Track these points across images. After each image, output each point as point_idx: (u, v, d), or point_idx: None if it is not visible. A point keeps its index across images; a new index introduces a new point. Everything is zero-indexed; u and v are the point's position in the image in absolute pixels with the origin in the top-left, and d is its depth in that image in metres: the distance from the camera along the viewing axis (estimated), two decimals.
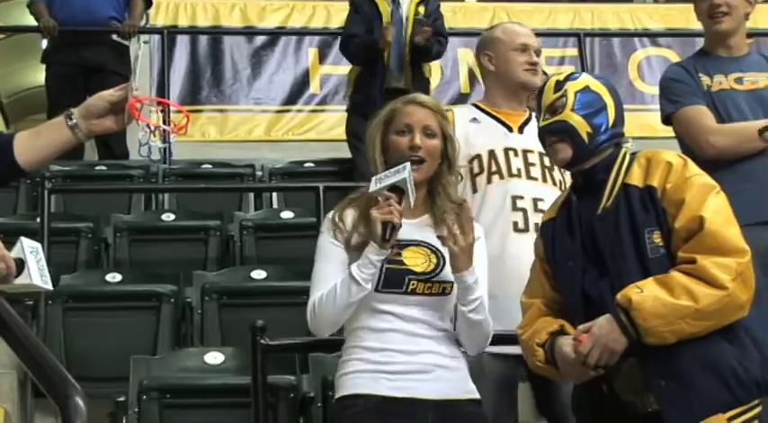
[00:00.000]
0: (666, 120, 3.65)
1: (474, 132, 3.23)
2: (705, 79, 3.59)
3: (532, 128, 3.29)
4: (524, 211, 3.18)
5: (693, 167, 2.48)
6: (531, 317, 2.61)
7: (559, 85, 2.60)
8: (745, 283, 2.31)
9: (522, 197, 3.19)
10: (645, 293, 2.32)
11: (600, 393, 2.47)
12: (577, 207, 2.55)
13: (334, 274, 2.67)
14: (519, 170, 3.23)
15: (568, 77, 2.62)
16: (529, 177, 3.23)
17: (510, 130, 3.33)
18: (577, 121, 2.54)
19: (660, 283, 2.33)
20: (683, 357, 2.33)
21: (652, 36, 8.47)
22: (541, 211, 3.03)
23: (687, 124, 3.54)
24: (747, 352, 2.34)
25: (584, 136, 2.53)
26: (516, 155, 3.26)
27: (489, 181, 3.22)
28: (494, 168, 3.23)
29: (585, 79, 2.61)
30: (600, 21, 8.55)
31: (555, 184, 3.23)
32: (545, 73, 6.41)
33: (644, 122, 8.02)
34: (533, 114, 3.39)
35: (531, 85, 3.33)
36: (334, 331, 2.74)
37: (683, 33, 7.92)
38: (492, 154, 3.25)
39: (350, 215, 2.76)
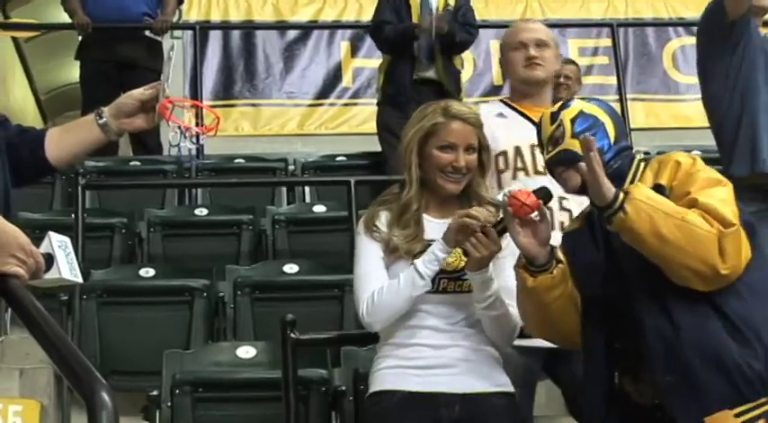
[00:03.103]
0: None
1: (500, 128, 3.21)
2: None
3: None
4: (550, 209, 3.16)
5: (701, 164, 2.48)
6: None
7: (554, 115, 2.62)
8: (722, 252, 2.29)
9: None
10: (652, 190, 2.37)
11: (611, 379, 2.46)
12: (598, 218, 2.54)
13: (378, 271, 2.72)
14: (544, 168, 3.21)
15: (562, 107, 2.63)
16: None
17: (535, 124, 3.31)
18: (579, 146, 2.52)
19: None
20: (687, 349, 2.32)
21: (687, 25, 8.37)
22: (566, 209, 3.03)
23: None
24: (752, 349, 2.32)
25: None
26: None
27: (515, 177, 3.21)
28: (519, 165, 3.22)
29: (578, 105, 2.62)
30: (634, 10, 8.47)
31: None
32: (574, 63, 6.38)
33: (679, 113, 7.95)
34: None
35: (531, 79, 3.31)
36: (387, 325, 2.74)
37: None
38: (518, 150, 3.24)
39: (383, 217, 2.80)
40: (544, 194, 2.55)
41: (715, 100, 3.71)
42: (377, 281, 2.70)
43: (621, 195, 2.33)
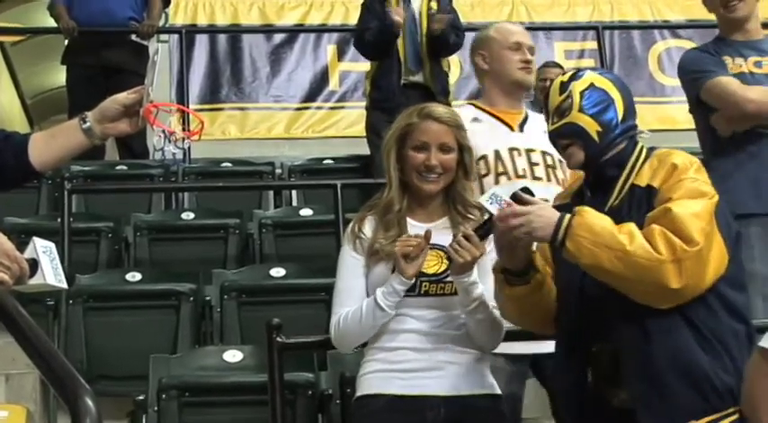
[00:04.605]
0: (696, 98, 3.59)
1: (477, 133, 3.21)
2: (727, 60, 3.57)
3: (531, 125, 3.31)
4: None
5: (695, 172, 2.42)
6: None
7: (564, 86, 2.56)
8: (681, 272, 2.26)
9: None
10: (597, 213, 2.35)
11: (583, 388, 2.44)
12: (589, 201, 2.52)
13: (355, 289, 2.74)
14: (524, 170, 3.24)
15: (573, 77, 2.57)
16: (534, 178, 3.23)
17: (511, 129, 3.33)
18: (586, 121, 2.50)
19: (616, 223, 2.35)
20: (658, 359, 2.31)
21: (672, 28, 8.42)
22: None
23: (719, 89, 3.49)
24: (722, 361, 2.31)
25: (595, 135, 2.49)
26: (520, 155, 3.26)
27: (497, 182, 3.21)
28: (501, 169, 3.23)
29: (590, 76, 2.56)
30: (619, 13, 8.50)
31: (559, 182, 3.23)
32: (559, 66, 6.39)
33: (664, 114, 7.98)
34: (529, 112, 3.39)
35: (526, 83, 3.33)
36: (355, 346, 2.80)
37: (703, 25, 7.83)
38: (498, 154, 3.25)
39: (368, 223, 2.81)
40: (489, 225, 2.54)
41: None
42: (349, 299, 2.73)
43: (563, 228, 2.32)
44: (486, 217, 2.61)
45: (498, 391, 2.75)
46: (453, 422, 2.65)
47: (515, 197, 2.46)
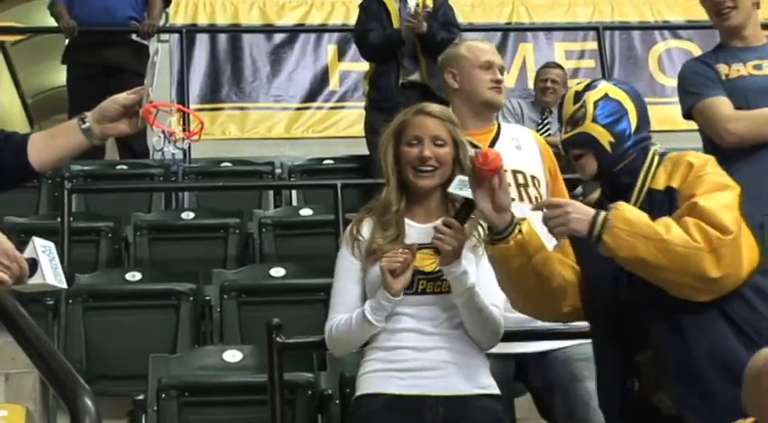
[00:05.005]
0: (687, 114, 3.64)
1: None
2: (723, 69, 3.57)
3: (502, 144, 3.20)
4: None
5: (712, 167, 2.45)
6: None
7: (578, 95, 2.57)
8: (719, 261, 2.27)
9: None
10: (633, 208, 2.36)
11: (626, 389, 2.45)
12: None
13: (350, 294, 2.77)
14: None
15: (587, 87, 2.58)
16: None
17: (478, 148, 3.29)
18: (599, 131, 2.51)
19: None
20: (696, 356, 2.30)
21: (673, 28, 8.41)
22: None
23: (706, 115, 3.53)
24: None
25: (607, 146, 2.50)
26: None
27: None
28: None
29: (604, 87, 2.58)
30: (620, 14, 8.49)
31: (531, 201, 3.13)
32: (560, 66, 6.36)
33: (665, 115, 7.96)
34: (502, 128, 3.32)
35: (496, 103, 3.29)
36: (348, 352, 2.89)
37: (703, 26, 7.83)
38: None
39: (366, 224, 2.82)
40: (467, 209, 2.59)
41: None
42: (343, 305, 2.76)
43: (600, 223, 2.33)
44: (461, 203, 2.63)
45: (497, 391, 2.75)
46: (452, 422, 2.66)
47: (461, 210, 2.59)
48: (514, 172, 3.15)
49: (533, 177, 3.18)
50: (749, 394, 1.94)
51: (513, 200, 3.11)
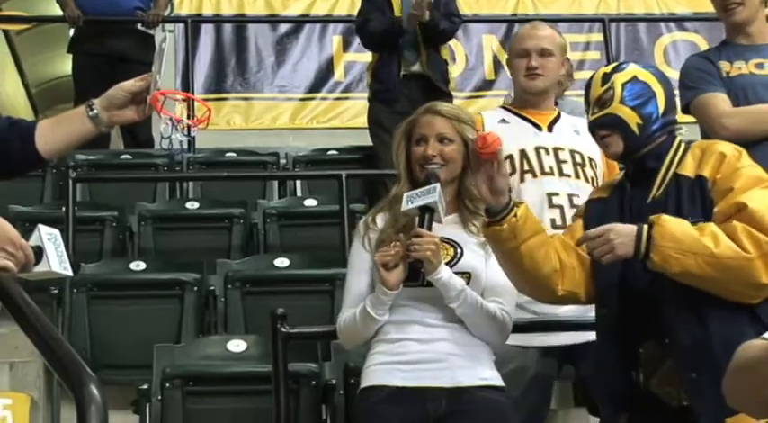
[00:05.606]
0: (685, 108, 3.64)
1: (503, 134, 3.21)
2: (725, 66, 3.57)
3: (562, 125, 3.32)
4: (561, 207, 3.19)
5: (746, 159, 2.45)
6: None
7: (606, 77, 2.58)
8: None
9: (557, 194, 3.21)
10: (675, 219, 2.34)
11: (629, 383, 2.45)
12: (630, 194, 2.53)
13: (361, 287, 2.81)
14: (551, 168, 3.24)
15: (615, 69, 2.59)
16: (562, 175, 3.23)
17: (539, 129, 3.33)
18: (627, 113, 2.52)
19: (693, 224, 2.34)
20: (715, 348, 2.30)
21: (678, 20, 8.38)
22: (577, 206, 3.02)
23: (702, 110, 3.54)
24: None
25: (635, 128, 2.51)
26: (548, 153, 3.27)
27: (522, 180, 3.23)
28: (526, 167, 3.25)
29: (633, 69, 2.58)
30: (625, 5, 8.46)
31: (588, 180, 3.23)
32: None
33: None
34: (562, 114, 3.40)
35: (529, 89, 3.35)
36: (357, 345, 2.93)
37: (709, 17, 7.83)
38: (523, 153, 3.26)
39: (381, 217, 2.87)
40: (428, 215, 2.64)
41: None
42: (353, 299, 2.81)
43: (644, 241, 2.32)
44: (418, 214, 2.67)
45: (501, 383, 2.76)
46: (454, 414, 2.67)
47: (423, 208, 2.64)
48: (572, 151, 3.24)
49: (591, 159, 3.24)
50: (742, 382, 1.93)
51: (570, 177, 3.16)
